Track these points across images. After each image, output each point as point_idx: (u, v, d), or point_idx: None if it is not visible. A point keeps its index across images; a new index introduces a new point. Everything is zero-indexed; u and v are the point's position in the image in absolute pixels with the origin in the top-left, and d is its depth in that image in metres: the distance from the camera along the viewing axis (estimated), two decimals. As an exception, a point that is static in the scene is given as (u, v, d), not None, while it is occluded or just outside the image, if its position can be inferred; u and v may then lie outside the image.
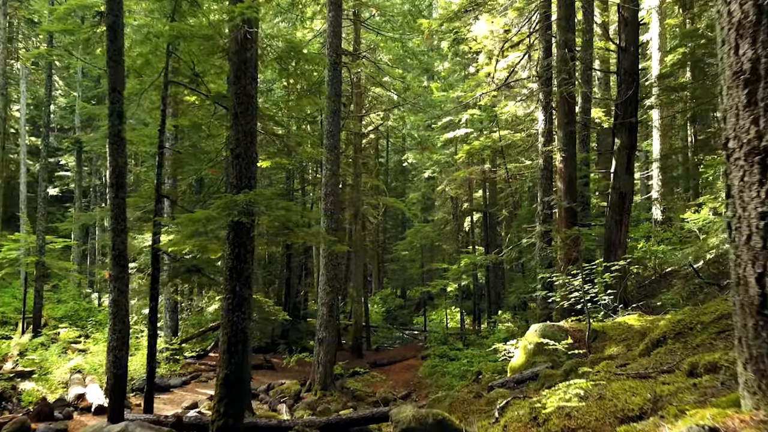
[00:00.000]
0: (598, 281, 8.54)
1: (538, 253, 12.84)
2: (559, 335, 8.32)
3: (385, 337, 27.87)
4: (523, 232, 19.69)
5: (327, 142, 14.35)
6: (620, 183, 12.22)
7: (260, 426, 8.07)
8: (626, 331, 7.99)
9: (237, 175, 6.86)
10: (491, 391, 7.64)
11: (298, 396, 13.75)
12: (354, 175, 21.52)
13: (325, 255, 14.16)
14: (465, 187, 25.64)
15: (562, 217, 12.49)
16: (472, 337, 19.84)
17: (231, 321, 6.71)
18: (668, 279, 16.42)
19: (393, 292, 38.88)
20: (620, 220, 12.21)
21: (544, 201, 12.93)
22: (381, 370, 18.97)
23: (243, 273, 6.82)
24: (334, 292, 14.39)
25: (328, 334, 14.14)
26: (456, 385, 15.65)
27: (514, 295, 17.98)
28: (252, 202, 6.49)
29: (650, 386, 3.46)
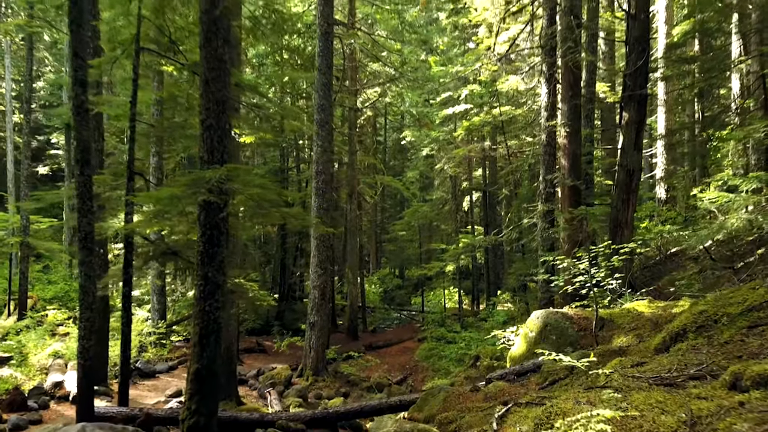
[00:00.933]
0: (604, 264, 7.89)
1: (539, 233, 12.20)
2: (563, 323, 7.72)
3: (382, 318, 27.39)
4: (524, 212, 19.02)
5: (318, 117, 13.62)
6: (628, 160, 11.51)
7: (241, 420, 7.50)
8: (636, 318, 7.38)
9: (207, 149, 6.16)
10: (489, 384, 7.05)
11: (289, 381, 13.23)
12: (349, 152, 20.80)
13: (317, 236, 13.52)
14: (464, 165, 24.91)
15: (566, 195, 11.81)
16: (470, 319, 19.31)
17: (203, 310, 6.08)
18: (674, 260, 15.84)
19: (391, 272, 38.36)
20: (627, 199, 11.53)
21: (547, 179, 12.25)
22: (376, 353, 18.47)
23: (216, 257, 6.17)
24: (327, 275, 13.79)
25: (320, 318, 13.58)
26: (453, 369, 15.16)
27: (513, 277, 17.38)
28: (223, 179, 5.82)
29: (682, 400, 2.85)
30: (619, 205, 11.56)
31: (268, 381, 12.97)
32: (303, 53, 22.21)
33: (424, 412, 6.65)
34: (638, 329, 6.95)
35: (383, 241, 35.52)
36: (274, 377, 13.15)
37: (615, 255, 7.76)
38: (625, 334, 6.94)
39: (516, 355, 8.16)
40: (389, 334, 21.97)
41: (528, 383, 6.66)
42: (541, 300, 11.92)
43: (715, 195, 8.65)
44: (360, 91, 22.02)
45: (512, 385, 6.69)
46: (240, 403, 10.85)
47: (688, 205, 21.66)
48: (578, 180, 11.71)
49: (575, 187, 11.67)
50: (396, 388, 13.86)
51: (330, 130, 14.12)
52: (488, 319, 17.97)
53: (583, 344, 7.40)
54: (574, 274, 8.17)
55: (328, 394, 12.82)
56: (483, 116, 19.91)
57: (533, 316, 8.19)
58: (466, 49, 24.02)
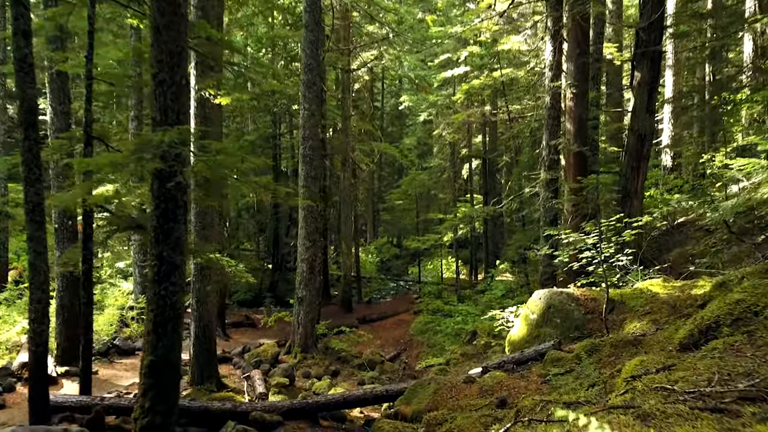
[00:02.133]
0: (615, 239, 7.09)
1: (542, 204, 11.37)
2: (569, 305, 6.96)
3: (378, 288, 26.80)
4: (525, 180, 18.15)
5: (305, 78, 12.63)
6: (639, 123, 10.61)
7: (212, 411, 6.81)
8: (650, 300, 6.61)
9: (160, 109, 5.28)
10: (485, 373, 6.32)
11: (276, 359, 12.58)
12: (342, 117, 19.80)
13: (304, 206, 12.69)
14: (463, 131, 23.90)
15: (571, 163, 10.94)
16: (468, 291, 18.64)
17: (158, 294, 5.29)
18: (682, 231, 15.03)
19: (389, 242, 37.65)
20: (638, 166, 10.67)
21: (551, 145, 11.35)
22: (370, 326, 17.86)
23: (172, 234, 5.35)
24: (315, 247, 13.01)
25: (308, 293, 12.86)
26: (449, 345, 14.53)
27: (513, 248, 16.64)
28: (175, 143, 4.96)
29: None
30: (629, 174, 10.71)
31: (254, 359, 12.33)
32: (294, 11, 21.02)
33: (413, 406, 5.94)
34: (653, 313, 6.19)
35: (380, 210, 34.68)
36: (260, 355, 12.50)
37: (627, 229, 6.95)
38: (639, 319, 6.17)
39: (516, 338, 7.43)
40: (384, 306, 21.35)
41: (529, 374, 5.92)
42: (543, 275, 11.17)
43: (743, 162, 7.78)
44: (354, 53, 20.87)
45: (511, 376, 5.96)
46: (221, 386, 10.20)
47: (696, 173, 20.80)
48: (585, 146, 10.83)
49: (581, 153, 10.79)
50: (389, 365, 13.25)
51: (318, 92, 13.14)
52: (486, 292, 17.29)
53: (590, 329, 6.65)
54: (580, 249, 7.39)
55: (317, 373, 12.19)
56: (483, 79, 18.84)
57: (535, 296, 7.43)
58: (465, 9, 22.76)
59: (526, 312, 7.42)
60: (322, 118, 18.59)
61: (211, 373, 9.96)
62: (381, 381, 12.22)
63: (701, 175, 20.14)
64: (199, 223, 9.69)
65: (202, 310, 9.85)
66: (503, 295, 15.16)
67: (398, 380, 12.47)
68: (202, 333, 9.86)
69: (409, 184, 24.52)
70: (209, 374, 9.91)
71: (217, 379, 10.13)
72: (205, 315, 9.87)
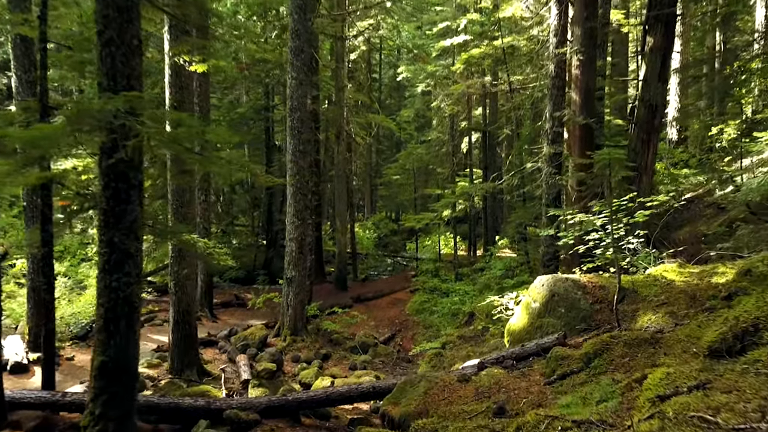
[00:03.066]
0: (626, 220, 6.41)
1: (544, 179, 10.66)
2: (574, 293, 6.31)
3: (374, 265, 26.22)
4: (526, 155, 17.39)
5: (292, 45, 11.80)
6: (650, 93, 9.86)
7: (183, 408, 6.22)
8: (665, 289, 5.97)
9: (108, 73, 4.55)
10: (482, 370, 5.71)
11: (264, 342, 12.03)
12: (336, 88, 18.94)
13: (293, 183, 11.99)
14: (463, 103, 23.02)
15: (576, 136, 10.21)
16: (466, 269, 18.03)
17: (108, 287, 4.64)
18: (690, 208, 14.35)
19: (387, 217, 36.96)
20: (648, 139, 9.97)
21: (554, 116, 10.58)
22: (365, 305, 17.31)
23: (124, 217, 4.67)
24: (305, 225, 12.34)
25: (298, 273, 12.24)
26: (445, 326, 13.99)
27: (513, 226, 15.99)
28: (123, 113, 4.24)
29: None
30: (638, 147, 10.01)
31: (240, 342, 11.77)
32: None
33: (401, 407, 5.34)
34: (670, 304, 5.54)
35: (377, 185, 33.93)
36: (247, 338, 11.94)
37: (640, 209, 6.27)
38: (653, 310, 5.53)
39: (516, 328, 6.80)
40: (380, 284, 20.79)
41: (531, 373, 5.31)
42: (545, 255, 10.52)
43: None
44: (348, 20, 19.88)
45: (511, 375, 5.35)
46: (203, 373, 9.65)
47: (704, 147, 20.03)
48: (591, 118, 10.08)
49: (588, 126, 10.05)
50: (382, 348, 12.71)
51: (308, 61, 12.31)
52: (485, 270, 16.69)
53: (598, 320, 6.02)
54: (586, 230, 6.72)
55: (307, 357, 11.65)
56: (483, 48, 17.94)
57: (537, 282, 6.78)
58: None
59: (528, 300, 6.78)
60: (315, 89, 17.76)
61: (191, 361, 9.39)
62: (373, 365, 11.69)
63: (709, 149, 19.40)
64: (176, 201, 9.01)
65: (181, 293, 9.23)
66: (503, 274, 14.56)
67: (392, 364, 11.95)
68: (182, 318, 9.26)
69: (406, 159, 23.77)
70: (189, 362, 9.34)
71: (198, 366, 9.57)
72: (184, 299, 9.26)
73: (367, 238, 31.34)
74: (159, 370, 9.48)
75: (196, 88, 13.95)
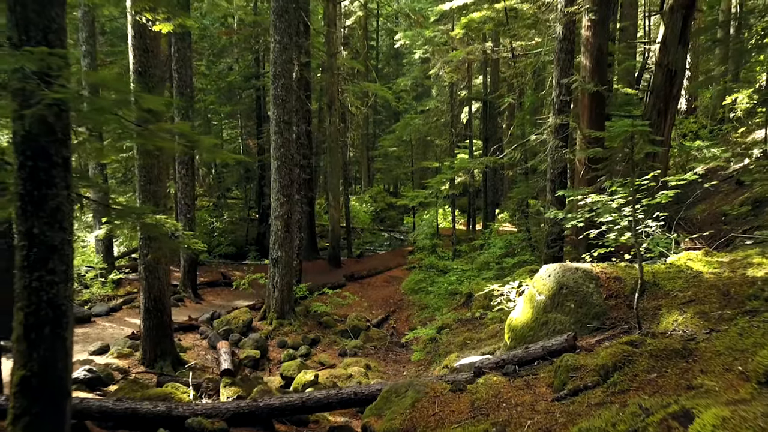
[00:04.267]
0: (646, 202, 5.58)
1: (549, 153, 9.78)
2: (586, 286, 5.51)
3: (370, 241, 25.49)
4: (528, 126, 16.43)
5: (275, 5, 10.78)
6: (669, 57, 8.92)
7: (141, 414, 5.49)
8: (691, 283, 5.17)
9: (18, 24, 3.67)
10: (479, 377, 4.95)
11: (249, 326, 11.32)
12: (328, 54, 17.85)
13: (277, 156, 11.11)
14: (462, 71, 21.93)
15: (586, 105, 9.30)
16: (465, 246, 17.27)
17: (29, 287, 3.84)
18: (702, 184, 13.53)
19: (385, 189, 36.06)
20: (665, 109, 9.06)
21: (562, 83, 9.64)
22: (359, 283, 16.61)
23: (45, 203, 3.84)
24: (291, 203, 11.50)
25: (284, 253, 11.45)
26: (442, 310, 13.27)
27: (514, 201, 15.16)
28: (31, 74, 3.37)
29: None
30: (654, 117, 9.11)
31: (223, 327, 11.05)
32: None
33: (385, 421, 4.59)
34: (699, 302, 4.75)
35: (373, 157, 32.93)
36: (230, 322, 11.22)
37: (663, 189, 5.43)
38: (680, 309, 4.74)
39: (518, 324, 6.03)
40: (376, 261, 20.06)
41: (536, 383, 4.55)
42: (549, 235, 9.71)
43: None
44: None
45: (512, 384, 4.59)
46: (179, 362, 8.94)
47: (716, 117, 19.06)
48: (603, 85, 9.15)
49: (599, 94, 9.13)
50: (375, 332, 12.01)
51: (293, 22, 11.30)
52: (484, 248, 15.92)
53: (614, 318, 5.23)
54: (596, 211, 5.89)
55: (294, 342, 10.95)
56: (484, 11, 16.81)
57: (543, 272, 5.98)
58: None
59: (532, 291, 5.99)
60: (305, 55, 16.71)
61: (165, 350, 8.67)
62: (365, 351, 11.00)
63: (721, 120, 18.43)
64: (144, 177, 8.15)
65: (152, 279, 8.45)
66: (503, 254, 13.78)
67: (384, 349, 11.26)
68: (153, 305, 8.50)
69: (403, 130, 22.77)
70: (163, 351, 8.62)
71: (173, 356, 8.85)
72: (155, 285, 8.48)
73: (363, 212, 30.53)
74: (130, 360, 8.77)
75: (174, 54, 12.96)
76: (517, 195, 14.13)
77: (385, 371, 9.79)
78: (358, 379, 8.35)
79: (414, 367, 9.88)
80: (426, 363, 9.80)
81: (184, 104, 12.74)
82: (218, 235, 22.86)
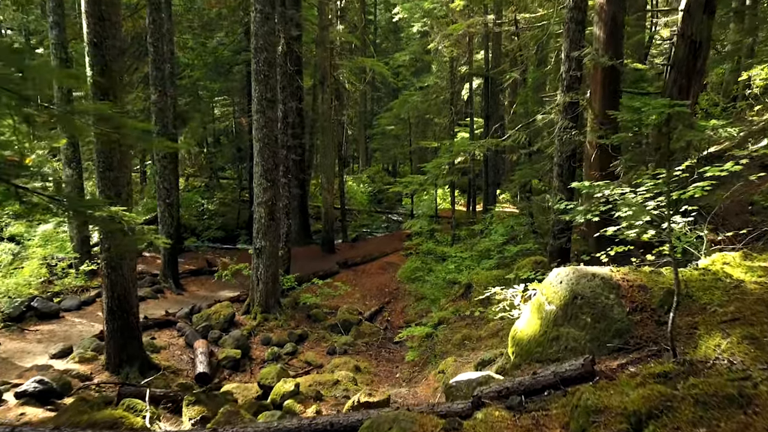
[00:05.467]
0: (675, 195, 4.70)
1: (558, 134, 8.86)
2: (604, 296, 4.66)
3: (367, 224, 24.62)
4: (531, 104, 15.43)
5: (255, -30, 9.76)
6: (693, 27, 7.93)
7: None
8: (732, 294, 4.32)
9: None
10: (478, 409, 4.12)
11: (231, 321, 10.53)
12: (319, 27, 16.77)
13: (260, 137, 10.20)
14: (463, 45, 20.83)
15: (599, 81, 8.34)
16: (464, 231, 16.42)
17: None
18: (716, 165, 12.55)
19: (384, 169, 35.07)
20: (688, 85, 8.11)
21: (572, 57, 8.68)
22: (353, 271, 15.81)
23: None
24: (276, 187, 10.62)
25: (269, 243, 10.62)
26: (439, 299, 12.47)
27: (516, 185, 14.26)
28: None
29: None
30: (675, 95, 8.15)
31: (203, 323, 10.26)
32: None
33: (363, 466, 3.78)
34: (746, 322, 3.90)
35: (369, 136, 31.88)
36: (210, 317, 10.42)
37: (698, 180, 4.56)
38: (722, 331, 3.89)
39: (524, 337, 5.19)
40: (372, 245, 19.23)
41: (548, 422, 3.73)
42: (555, 225, 8.84)
43: None
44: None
45: (518, 423, 3.77)
46: (149, 366, 8.16)
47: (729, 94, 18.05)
48: (618, 58, 8.18)
49: (614, 69, 8.17)
50: (367, 326, 11.25)
51: (276, -10, 10.28)
52: (485, 233, 15.07)
53: (639, 337, 4.39)
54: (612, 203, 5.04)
55: (279, 338, 10.18)
56: (487, -20, 15.73)
57: (553, 277, 5.12)
58: None
59: (540, 299, 5.14)
60: (295, 28, 15.66)
61: (132, 354, 7.88)
62: (356, 348, 10.24)
63: (734, 97, 17.43)
64: (102, 163, 7.26)
65: (115, 276, 7.61)
66: (505, 242, 12.93)
67: (377, 346, 10.48)
68: (117, 305, 7.68)
69: (400, 107, 21.70)
70: (130, 355, 7.83)
71: (142, 359, 8.07)
72: (119, 282, 7.64)
73: (361, 192, 29.64)
74: (94, 365, 7.98)
75: (149, 25, 11.95)
76: (520, 178, 13.21)
77: (376, 373, 9.03)
78: (346, 385, 7.56)
79: (408, 368, 9.12)
80: (421, 364, 9.02)
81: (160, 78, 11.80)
82: (208, 218, 22.01)
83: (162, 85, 12.05)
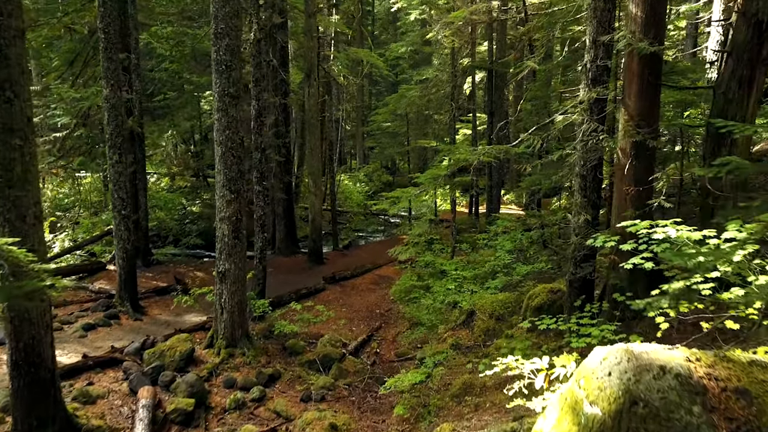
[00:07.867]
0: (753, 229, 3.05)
1: (581, 139, 7.18)
2: (684, 405, 2.99)
3: (362, 228, 22.95)
4: (545, 101, 13.72)
5: (213, -62, 8.07)
6: (759, 4, 6.24)
7: None
8: None
9: None
10: None
11: (189, 358, 8.86)
12: (306, 14, 15.05)
13: (221, 140, 8.53)
14: (465, 35, 19.11)
15: (635, 72, 6.63)
16: (465, 243, 14.72)
17: None
18: (759, 168, 10.87)
19: (383, 166, 33.31)
20: (750, 77, 6.42)
21: (599, 42, 6.99)
22: (340, 286, 14.17)
23: None
24: (240, 201, 8.95)
25: (233, 266, 8.96)
26: (437, 326, 10.83)
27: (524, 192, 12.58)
28: None
29: None
30: (734, 89, 6.49)
31: (155, 361, 8.62)
32: None
33: None
34: None
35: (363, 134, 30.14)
36: (164, 354, 8.77)
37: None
38: None
39: (550, 451, 3.51)
40: (364, 254, 17.57)
41: None
42: (577, 250, 7.15)
43: None
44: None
45: None
46: (70, 428, 6.53)
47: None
48: (660, 44, 6.47)
49: (655, 56, 6.47)
50: (351, 362, 9.61)
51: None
52: (489, 244, 13.39)
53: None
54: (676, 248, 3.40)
55: (245, 380, 8.54)
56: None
57: (596, 362, 3.44)
58: None
59: (576, 394, 3.47)
60: (278, 15, 13.98)
61: (46, 415, 6.25)
62: (336, 393, 8.58)
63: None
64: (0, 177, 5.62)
65: (19, 322, 5.96)
66: (511, 261, 11.25)
67: (362, 389, 8.81)
68: (23, 358, 6.03)
69: (397, 102, 20.02)
70: (43, 417, 6.20)
71: (61, 421, 6.44)
72: (26, 330, 5.99)
73: (357, 192, 27.97)
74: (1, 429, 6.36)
75: (99, 8, 10.27)
76: (529, 185, 11.53)
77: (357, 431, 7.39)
78: (314, 459, 5.94)
79: (396, 425, 7.47)
80: (412, 421, 7.38)
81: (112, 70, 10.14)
82: (190, 222, 20.36)
83: (115, 78, 10.38)
